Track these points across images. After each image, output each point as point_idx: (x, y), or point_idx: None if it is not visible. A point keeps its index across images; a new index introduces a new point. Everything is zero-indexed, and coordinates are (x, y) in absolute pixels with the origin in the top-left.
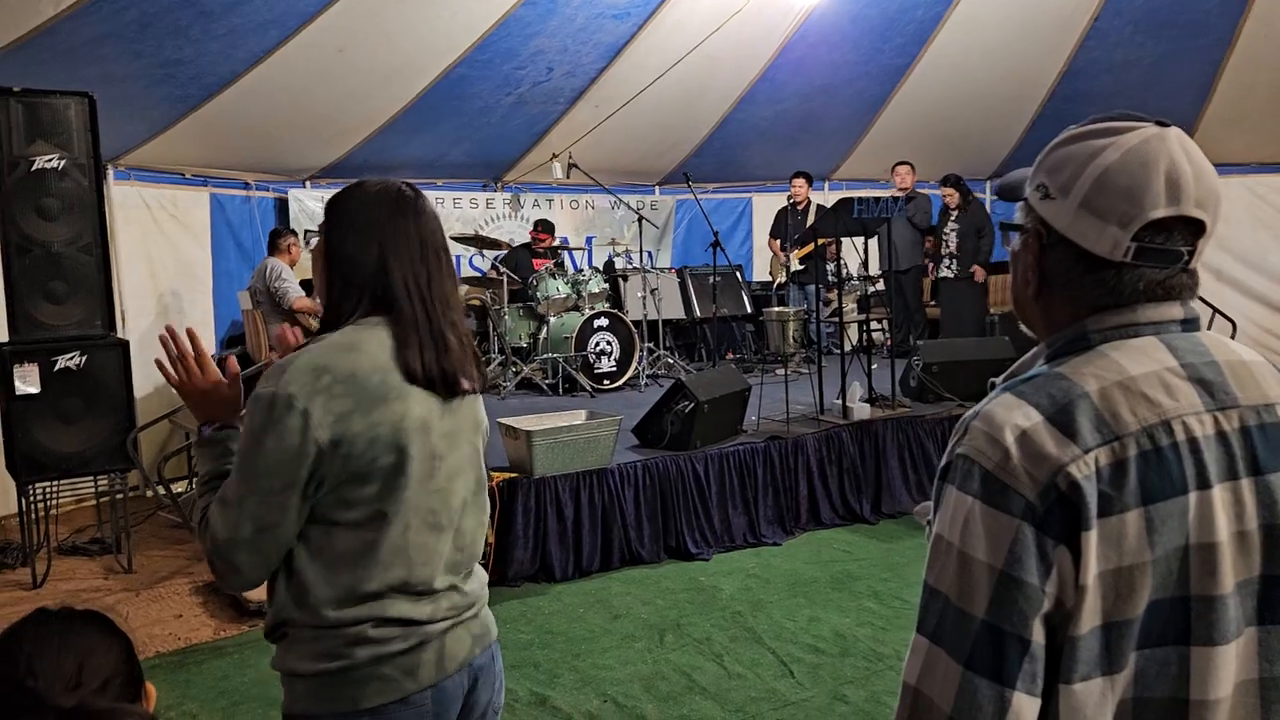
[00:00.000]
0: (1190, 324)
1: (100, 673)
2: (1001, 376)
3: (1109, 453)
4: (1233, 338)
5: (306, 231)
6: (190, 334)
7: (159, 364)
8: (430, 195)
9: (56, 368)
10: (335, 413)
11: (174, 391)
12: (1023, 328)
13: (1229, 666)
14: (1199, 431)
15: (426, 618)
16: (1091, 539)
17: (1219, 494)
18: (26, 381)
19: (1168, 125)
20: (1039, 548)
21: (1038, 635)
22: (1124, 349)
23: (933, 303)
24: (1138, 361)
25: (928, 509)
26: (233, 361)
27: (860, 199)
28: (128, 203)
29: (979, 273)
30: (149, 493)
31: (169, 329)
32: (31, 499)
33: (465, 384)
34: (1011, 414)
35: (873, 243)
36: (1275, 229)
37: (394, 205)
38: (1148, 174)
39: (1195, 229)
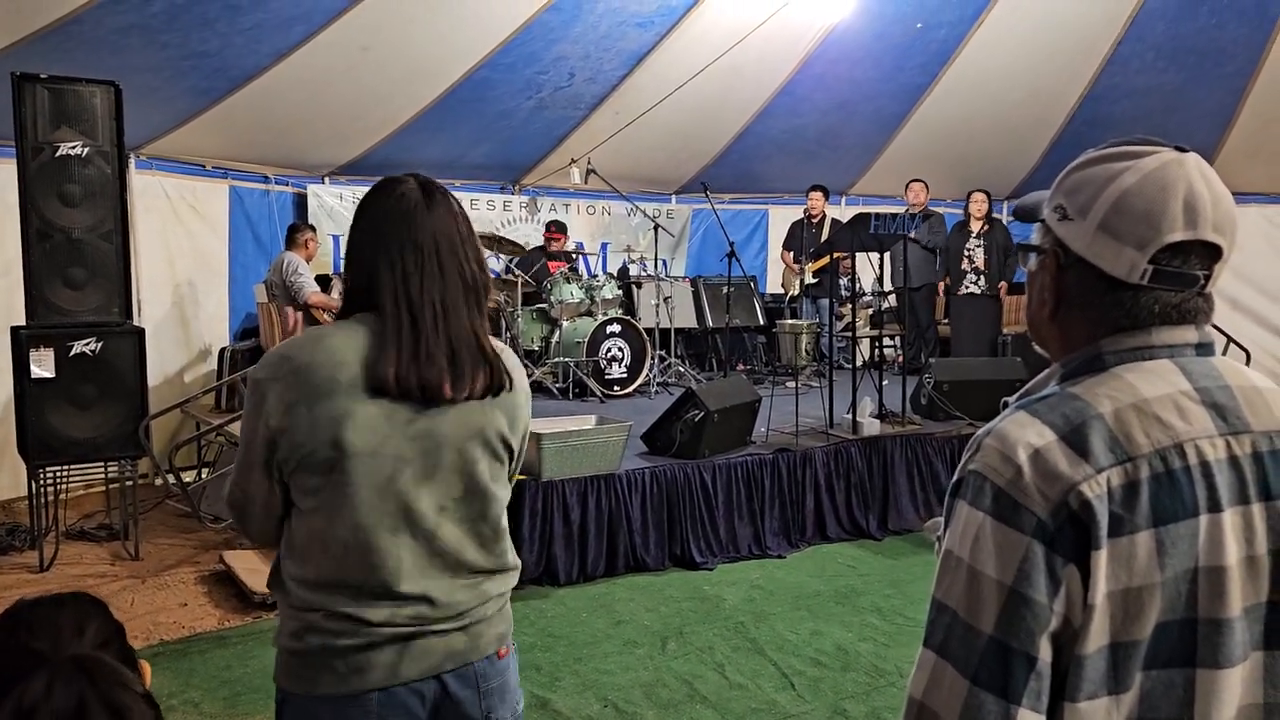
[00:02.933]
0: (1205, 348)
1: (99, 635)
2: (1015, 395)
3: (1121, 473)
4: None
5: None
6: None
7: None
8: None
9: (72, 353)
10: (287, 401)
11: (186, 380)
12: (1036, 348)
13: (1234, 690)
14: (1211, 455)
15: (381, 620)
16: (1101, 558)
17: (1229, 518)
18: (42, 365)
19: (1186, 150)
20: (1049, 566)
21: (1045, 653)
22: (1138, 371)
23: (945, 320)
24: (1152, 384)
25: (938, 525)
26: None
27: (877, 214)
28: (148, 192)
29: (1003, 289)
30: (158, 480)
31: None
32: (42, 483)
33: (449, 392)
34: (1025, 432)
35: (887, 258)
36: None
37: (395, 207)
38: (1166, 198)
39: (1212, 253)
